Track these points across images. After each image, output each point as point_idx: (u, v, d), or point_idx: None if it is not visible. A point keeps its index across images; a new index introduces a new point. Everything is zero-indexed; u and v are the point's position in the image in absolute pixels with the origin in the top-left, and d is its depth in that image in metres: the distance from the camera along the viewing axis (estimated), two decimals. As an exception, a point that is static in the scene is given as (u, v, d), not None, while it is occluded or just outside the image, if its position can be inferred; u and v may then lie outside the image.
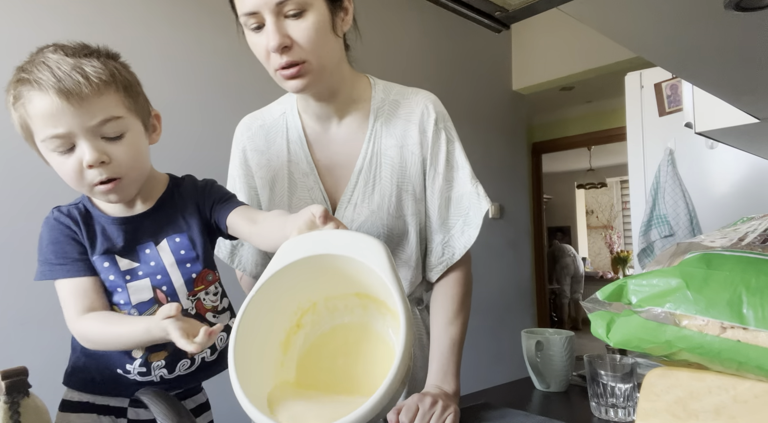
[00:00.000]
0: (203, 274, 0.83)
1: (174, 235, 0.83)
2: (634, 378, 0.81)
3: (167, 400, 0.65)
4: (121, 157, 0.74)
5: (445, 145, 0.95)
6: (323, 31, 0.81)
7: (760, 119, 0.94)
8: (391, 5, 2.79)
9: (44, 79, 0.68)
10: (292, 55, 0.80)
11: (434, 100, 0.98)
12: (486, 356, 3.20)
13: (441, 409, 0.79)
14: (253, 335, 0.58)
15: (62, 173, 0.74)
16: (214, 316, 0.85)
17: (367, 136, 0.94)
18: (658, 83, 2.10)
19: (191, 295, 0.82)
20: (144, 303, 0.79)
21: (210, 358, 0.84)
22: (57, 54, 0.71)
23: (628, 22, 0.52)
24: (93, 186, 0.74)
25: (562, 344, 0.97)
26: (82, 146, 0.71)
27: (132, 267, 0.80)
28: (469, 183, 0.96)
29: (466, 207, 0.95)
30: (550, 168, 6.69)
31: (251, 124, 1.01)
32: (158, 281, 0.80)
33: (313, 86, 0.86)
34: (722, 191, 1.96)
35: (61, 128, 0.70)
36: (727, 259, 0.52)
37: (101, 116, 0.71)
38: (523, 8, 0.49)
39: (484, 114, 3.36)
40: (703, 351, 0.48)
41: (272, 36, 0.78)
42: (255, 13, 0.79)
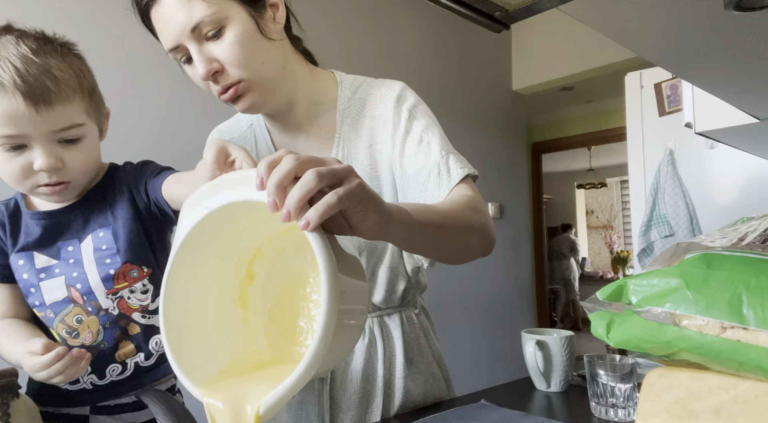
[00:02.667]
0: (124, 270, 0.76)
1: (99, 230, 0.77)
2: (634, 378, 0.81)
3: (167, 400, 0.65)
4: (74, 162, 0.73)
5: (404, 123, 0.84)
6: (250, 42, 0.75)
7: (760, 119, 0.94)
8: (391, 5, 2.79)
9: (10, 80, 0.65)
10: (226, 78, 0.75)
11: (400, 86, 0.88)
12: (486, 356, 3.20)
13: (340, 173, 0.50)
14: (191, 306, 0.53)
15: (5, 171, 0.71)
16: (144, 317, 0.78)
17: (335, 141, 0.87)
18: (658, 83, 2.10)
19: (111, 293, 0.76)
20: (58, 303, 0.75)
21: (145, 362, 0.78)
22: (20, 49, 0.67)
23: (628, 22, 0.52)
24: (36, 187, 0.72)
25: (562, 344, 0.97)
26: (37, 150, 0.69)
27: (50, 264, 0.75)
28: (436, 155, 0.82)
29: (432, 183, 0.81)
30: (550, 168, 6.69)
31: (219, 138, 0.96)
32: (73, 279, 0.75)
33: (261, 102, 0.80)
34: (722, 191, 1.96)
35: (19, 130, 0.67)
36: (727, 259, 0.52)
37: (64, 124, 0.70)
38: (523, 8, 0.49)
39: (484, 114, 3.36)
40: (703, 351, 0.48)
41: (198, 65, 0.73)
42: (177, 47, 0.74)
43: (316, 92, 0.88)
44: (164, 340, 0.51)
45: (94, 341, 0.76)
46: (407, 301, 0.97)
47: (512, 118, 3.61)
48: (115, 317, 0.76)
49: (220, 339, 0.55)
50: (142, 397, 0.71)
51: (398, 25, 2.83)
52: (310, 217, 0.46)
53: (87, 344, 0.76)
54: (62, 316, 0.75)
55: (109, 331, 0.76)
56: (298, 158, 0.48)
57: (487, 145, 3.37)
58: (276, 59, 0.80)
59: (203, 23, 0.72)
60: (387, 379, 0.91)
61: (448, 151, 0.83)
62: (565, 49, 3.39)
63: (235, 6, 0.74)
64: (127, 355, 0.77)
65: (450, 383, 1.02)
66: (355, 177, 0.51)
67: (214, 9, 0.72)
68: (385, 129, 0.86)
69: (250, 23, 0.75)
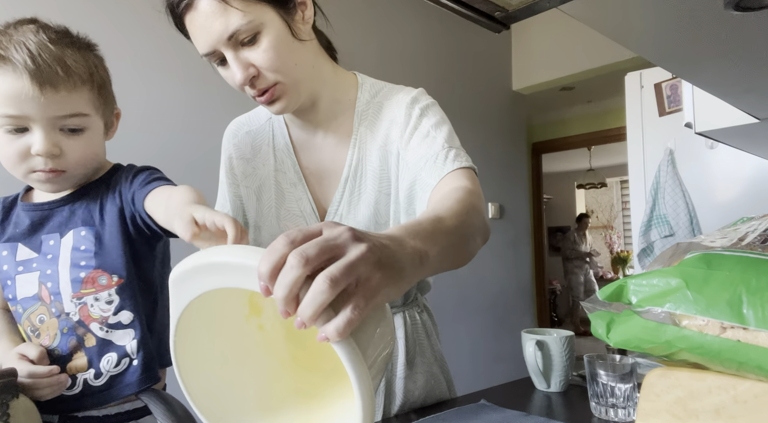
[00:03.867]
0: (94, 275, 0.73)
1: (81, 228, 0.75)
2: (634, 378, 0.81)
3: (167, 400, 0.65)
4: (73, 152, 0.72)
5: (414, 120, 0.84)
6: (284, 46, 0.77)
7: (760, 119, 0.94)
8: (391, 5, 2.79)
9: (21, 61, 0.66)
10: (262, 82, 0.78)
11: (417, 91, 0.89)
12: (486, 356, 3.20)
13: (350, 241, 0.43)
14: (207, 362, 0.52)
15: (1, 152, 0.71)
16: (102, 329, 0.73)
17: (351, 141, 0.89)
18: (658, 83, 2.10)
19: (76, 297, 0.72)
20: (28, 299, 0.73)
21: (95, 381, 0.73)
22: (39, 36, 0.68)
23: (628, 22, 0.52)
24: (31, 172, 0.72)
25: (562, 344, 0.97)
26: (37, 134, 0.69)
27: (30, 258, 0.74)
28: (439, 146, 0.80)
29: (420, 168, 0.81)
30: (550, 168, 6.69)
31: (237, 130, 0.98)
32: (46, 276, 0.73)
33: (294, 103, 0.82)
34: (722, 191, 1.96)
35: (22, 111, 0.67)
36: (727, 259, 0.52)
37: (68, 111, 0.70)
38: (523, 8, 0.49)
39: (484, 114, 3.36)
40: (703, 351, 0.48)
41: (236, 71, 0.75)
42: (213, 52, 0.76)
43: (337, 91, 0.90)
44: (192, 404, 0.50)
45: (50, 345, 0.73)
46: (410, 300, 0.97)
47: (512, 118, 3.61)
48: (74, 323, 0.73)
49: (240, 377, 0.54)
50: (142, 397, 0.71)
51: (398, 25, 2.83)
52: (330, 334, 0.40)
53: (45, 346, 0.73)
54: (29, 313, 0.73)
55: (65, 337, 0.73)
56: (303, 256, 0.40)
57: (487, 145, 3.37)
58: (307, 59, 0.81)
59: (240, 31, 0.73)
60: (388, 378, 0.91)
61: (452, 146, 0.81)
62: (565, 49, 3.39)
63: (268, 11, 0.75)
64: (78, 369, 0.73)
65: (451, 384, 1.02)
66: (375, 267, 0.43)
67: (250, 17, 0.73)
68: (397, 129, 0.86)
69: (283, 27, 0.77)
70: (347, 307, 0.40)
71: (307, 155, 0.93)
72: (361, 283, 0.42)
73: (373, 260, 0.43)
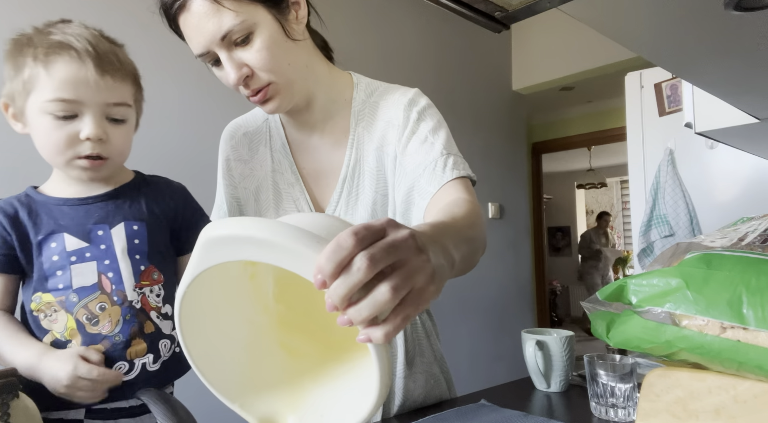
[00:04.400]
0: (150, 271, 0.80)
1: (133, 222, 0.79)
2: (634, 378, 0.81)
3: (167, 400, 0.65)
4: (116, 140, 0.77)
5: (412, 123, 0.84)
6: (277, 46, 0.77)
7: (760, 119, 0.94)
8: (390, 5, 2.79)
9: (83, 48, 0.71)
10: (255, 82, 0.78)
11: (414, 91, 0.89)
12: (486, 356, 3.20)
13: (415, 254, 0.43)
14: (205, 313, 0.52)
15: (48, 139, 0.73)
16: (158, 317, 0.80)
17: (348, 142, 0.89)
18: (658, 83, 2.10)
19: (138, 287, 0.78)
20: (86, 288, 0.75)
21: (152, 365, 0.78)
22: (90, 30, 0.74)
23: (628, 22, 0.52)
24: (76, 158, 0.74)
25: (562, 344, 0.97)
26: (87, 119, 0.73)
27: (80, 247, 0.76)
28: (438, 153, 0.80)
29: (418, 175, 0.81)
30: (550, 168, 6.68)
31: (235, 132, 0.98)
32: (105, 267, 0.76)
33: (287, 103, 0.83)
34: (722, 191, 1.96)
35: (78, 96, 0.71)
36: (727, 259, 0.52)
37: (117, 99, 0.75)
38: (523, 8, 0.49)
39: (484, 114, 3.36)
40: (703, 351, 0.48)
41: (229, 72, 0.76)
42: (207, 53, 0.76)
43: (333, 91, 0.90)
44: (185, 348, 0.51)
45: (110, 332, 0.76)
46: None
47: (512, 118, 3.61)
48: (136, 311, 0.77)
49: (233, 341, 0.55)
50: (142, 397, 0.71)
51: (398, 25, 2.83)
52: (377, 338, 0.41)
53: (103, 334, 0.76)
54: (86, 301, 0.75)
55: (127, 324, 0.77)
56: (373, 261, 0.39)
57: (487, 145, 3.37)
58: (300, 59, 0.82)
59: (232, 32, 0.74)
60: None
61: (450, 152, 0.82)
62: (565, 49, 3.39)
63: (261, 11, 0.75)
64: (138, 354, 0.77)
65: (451, 384, 1.02)
66: (430, 281, 0.43)
67: (243, 17, 0.73)
68: (395, 131, 0.86)
69: (276, 27, 0.77)
70: (398, 317, 0.41)
71: (303, 155, 0.93)
72: (415, 294, 0.42)
73: (430, 274, 0.43)
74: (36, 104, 0.73)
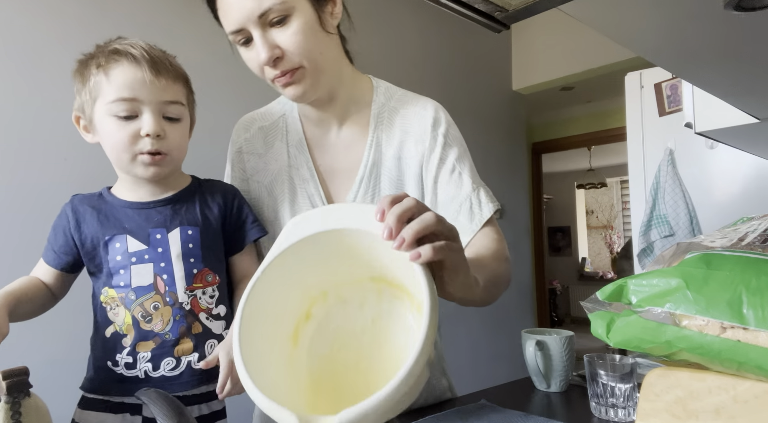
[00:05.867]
0: (203, 273, 0.85)
1: (188, 227, 0.85)
2: (634, 378, 0.81)
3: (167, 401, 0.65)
4: (174, 136, 0.83)
5: (440, 149, 0.89)
6: (312, 32, 0.79)
7: (760, 119, 0.94)
8: (390, 6, 2.79)
9: (138, 54, 0.79)
10: (285, 64, 0.79)
11: (434, 106, 0.92)
12: (486, 356, 3.20)
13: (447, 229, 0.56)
14: (259, 325, 0.55)
15: (114, 138, 0.80)
16: (208, 319, 0.85)
17: (367, 143, 0.91)
18: (658, 83, 2.10)
19: (189, 290, 0.83)
20: (143, 287, 0.81)
21: (197, 364, 0.82)
22: (144, 41, 0.83)
23: (628, 22, 0.52)
24: (138, 154, 0.81)
25: (562, 344, 0.97)
26: (146, 117, 0.79)
27: (140, 249, 0.83)
28: (467, 188, 0.88)
29: (464, 216, 0.87)
30: (550, 168, 6.68)
31: (249, 126, 0.98)
32: (161, 269, 0.82)
33: (313, 91, 0.84)
34: (722, 191, 1.96)
35: (135, 94, 0.78)
36: (727, 259, 0.52)
37: (171, 97, 0.82)
38: (523, 8, 0.49)
39: (484, 114, 3.36)
40: (703, 351, 0.48)
41: (261, 50, 0.77)
42: (240, 30, 0.77)
43: (355, 91, 0.93)
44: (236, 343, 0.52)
45: (161, 330, 0.81)
46: None
47: (512, 118, 3.61)
48: (186, 312, 0.82)
49: (271, 371, 0.56)
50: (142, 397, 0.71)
51: (398, 26, 2.83)
52: (424, 251, 0.51)
53: (155, 331, 0.81)
54: (142, 300, 0.81)
55: (177, 323, 0.82)
56: (418, 202, 0.54)
57: (487, 145, 3.37)
58: (331, 52, 0.85)
59: (271, 11, 0.75)
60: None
61: (478, 185, 0.90)
62: (565, 49, 3.39)
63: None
64: (184, 352, 0.82)
65: (451, 384, 1.02)
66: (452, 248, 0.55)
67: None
68: (417, 147, 0.90)
69: (313, 14, 0.79)
70: (436, 246, 0.52)
71: (320, 152, 0.94)
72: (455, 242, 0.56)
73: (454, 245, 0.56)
74: (101, 109, 0.80)
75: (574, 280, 7.98)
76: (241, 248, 0.92)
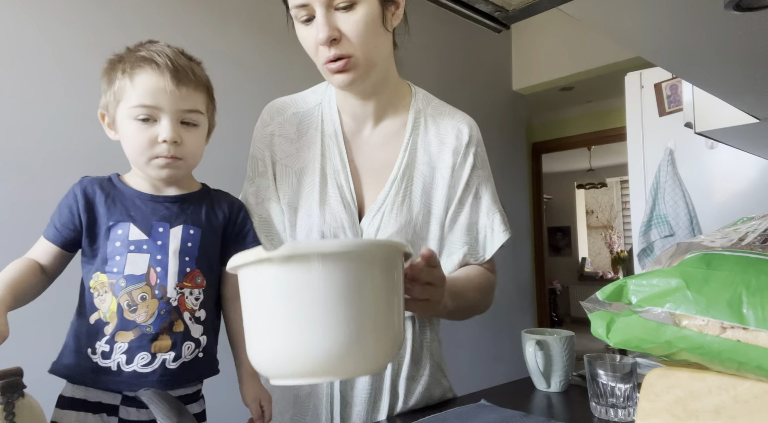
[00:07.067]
0: (194, 274, 0.85)
1: (191, 226, 0.87)
2: (634, 378, 0.81)
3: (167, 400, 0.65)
4: (191, 142, 0.85)
5: (469, 169, 0.96)
6: (373, 25, 0.81)
7: (760, 119, 0.94)
8: (391, 5, 2.79)
9: (163, 63, 0.82)
10: (340, 48, 0.81)
11: (470, 122, 0.98)
12: (486, 356, 3.20)
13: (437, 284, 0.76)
14: None
15: (133, 140, 0.83)
16: (191, 319, 0.84)
17: (403, 145, 0.94)
18: (658, 83, 2.10)
19: (178, 287, 0.84)
20: (134, 276, 0.81)
21: (172, 364, 0.81)
22: (171, 49, 0.85)
23: (628, 22, 0.52)
24: (154, 158, 0.83)
25: (562, 344, 0.97)
26: (164, 124, 0.82)
27: (140, 238, 0.83)
28: (484, 214, 0.97)
29: (473, 237, 0.96)
30: (550, 168, 6.68)
31: (283, 110, 0.98)
32: (156, 261, 0.83)
33: (360, 82, 0.86)
34: (722, 191, 1.96)
35: (156, 102, 0.81)
36: (727, 259, 0.52)
37: (190, 105, 0.84)
38: (523, 8, 0.49)
39: (484, 114, 3.36)
40: (703, 351, 0.48)
41: (321, 28, 0.79)
42: (305, 5, 0.80)
43: (396, 93, 0.96)
44: None
45: (144, 322, 0.81)
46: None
47: (512, 118, 3.61)
48: (172, 308, 0.82)
49: None
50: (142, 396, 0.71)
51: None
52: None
53: (137, 322, 0.81)
54: (131, 289, 0.81)
55: (160, 318, 0.81)
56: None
57: (487, 145, 3.33)
58: (384, 49, 0.88)
59: None
60: (393, 379, 0.92)
61: (495, 212, 0.98)
62: (565, 49, 3.39)
63: None
64: (161, 349, 0.81)
65: (451, 384, 1.02)
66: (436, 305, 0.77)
67: None
68: (452, 158, 0.95)
69: (378, 8, 0.82)
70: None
71: (355, 147, 0.96)
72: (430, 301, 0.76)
73: (438, 302, 0.77)
74: (124, 111, 0.83)
75: (574, 280, 7.98)
76: None
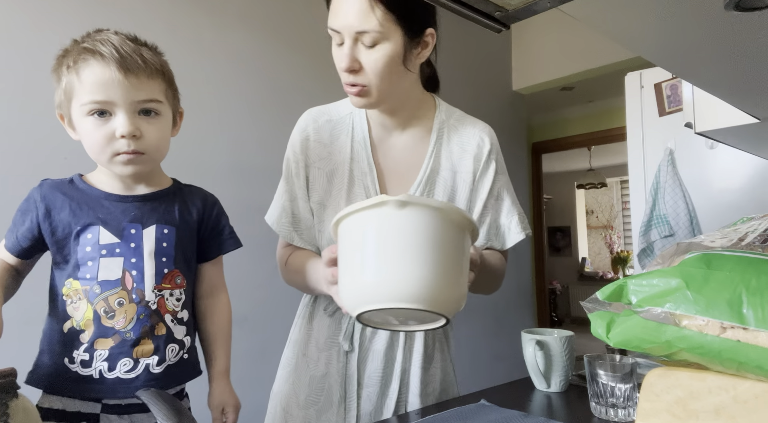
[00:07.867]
0: (173, 274, 0.83)
1: (164, 226, 0.84)
2: (634, 378, 0.81)
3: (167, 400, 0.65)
4: (151, 135, 0.81)
5: (492, 174, 1.01)
6: (392, 65, 0.87)
7: (760, 119, 0.94)
8: (391, 5, 2.78)
9: (107, 52, 0.77)
10: (357, 78, 0.88)
11: (490, 132, 1.04)
12: (486, 356, 3.20)
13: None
14: None
15: (91, 139, 0.79)
16: (173, 321, 0.82)
17: (428, 151, 1.00)
18: (658, 83, 2.10)
19: (157, 289, 0.81)
20: (109, 282, 0.78)
21: (155, 368, 0.80)
22: (118, 36, 0.80)
23: (628, 22, 0.52)
24: (116, 155, 0.79)
25: (562, 344, 0.97)
26: (120, 117, 0.78)
27: (112, 242, 0.80)
28: (504, 215, 1.03)
29: (493, 233, 1.02)
30: (550, 168, 6.68)
31: (318, 117, 1.04)
32: (131, 264, 0.80)
33: (374, 106, 0.94)
34: (722, 191, 1.96)
35: (108, 96, 0.77)
36: (727, 259, 0.52)
37: (145, 96, 0.80)
38: (523, 8, 0.49)
39: (484, 114, 3.32)
40: (703, 351, 0.48)
41: (344, 58, 0.86)
42: (338, 32, 0.86)
43: (419, 110, 1.02)
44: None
45: (123, 328, 0.78)
46: None
47: (512, 118, 3.61)
48: (152, 312, 0.80)
49: None
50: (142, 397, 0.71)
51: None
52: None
53: (116, 328, 0.78)
54: (107, 295, 0.78)
55: (140, 322, 0.79)
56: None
57: (487, 145, 3.36)
58: (402, 85, 0.94)
59: (367, 33, 0.84)
60: (404, 367, 0.96)
61: (514, 213, 1.04)
62: (565, 49, 3.39)
63: (398, 32, 0.86)
64: (143, 354, 0.79)
65: (456, 382, 1.07)
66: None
67: (382, 29, 0.84)
68: (474, 165, 1.01)
69: (401, 50, 0.88)
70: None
71: (382, 152, 1.02)
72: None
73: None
74: (77, 109, 0.79)
75: (574, 280, 7.98)
76: (214, 256, 0.92)
